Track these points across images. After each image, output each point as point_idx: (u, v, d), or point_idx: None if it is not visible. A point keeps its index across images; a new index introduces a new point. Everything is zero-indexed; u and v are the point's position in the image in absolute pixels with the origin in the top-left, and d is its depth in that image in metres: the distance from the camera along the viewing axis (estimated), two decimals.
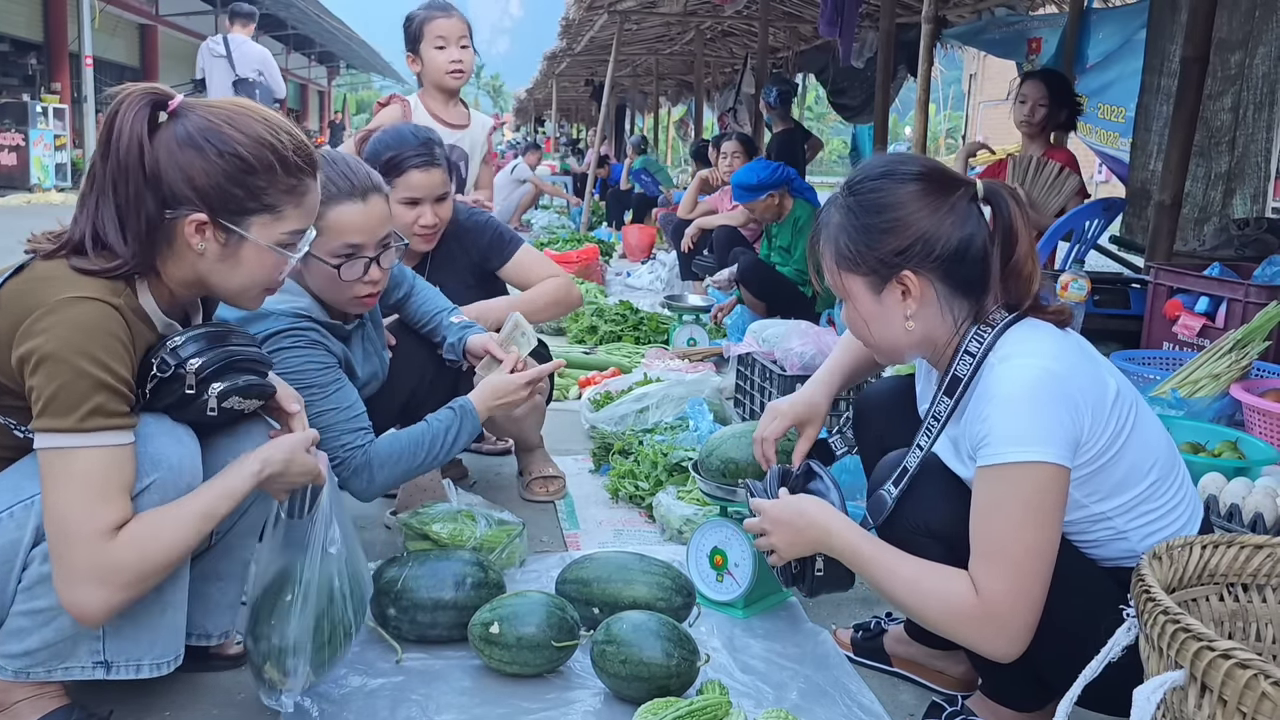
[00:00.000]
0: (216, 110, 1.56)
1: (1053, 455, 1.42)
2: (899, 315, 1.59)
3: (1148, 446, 1.53)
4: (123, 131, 1.49)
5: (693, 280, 6.69)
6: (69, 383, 1.41)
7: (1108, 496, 1.52)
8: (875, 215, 1.56)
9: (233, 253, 1.58)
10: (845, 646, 2.06)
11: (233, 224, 1.56)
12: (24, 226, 1.69)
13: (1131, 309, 4.17)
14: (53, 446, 1.43)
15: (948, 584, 1.48)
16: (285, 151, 1.57)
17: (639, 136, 13.33)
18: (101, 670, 1.56)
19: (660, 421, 3.27)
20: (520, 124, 36.86)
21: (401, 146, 2.60)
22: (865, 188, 1.59)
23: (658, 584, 2.05)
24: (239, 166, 1.53)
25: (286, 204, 1.59)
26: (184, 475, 1.55)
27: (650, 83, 17.19)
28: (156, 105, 1.52)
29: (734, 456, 2.16)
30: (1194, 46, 4.01)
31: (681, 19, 11.30)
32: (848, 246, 1.59)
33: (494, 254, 2.83)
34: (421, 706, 1.78)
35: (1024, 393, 1.44)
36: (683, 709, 1.64)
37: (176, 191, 1.51)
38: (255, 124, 1.56)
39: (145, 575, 1.48)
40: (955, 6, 8.12)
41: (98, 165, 1.52)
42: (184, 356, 1.55)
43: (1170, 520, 1.55)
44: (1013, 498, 1.43)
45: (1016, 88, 4.61)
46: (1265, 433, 2.62)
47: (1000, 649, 1.45)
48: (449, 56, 3.34)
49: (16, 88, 17.62)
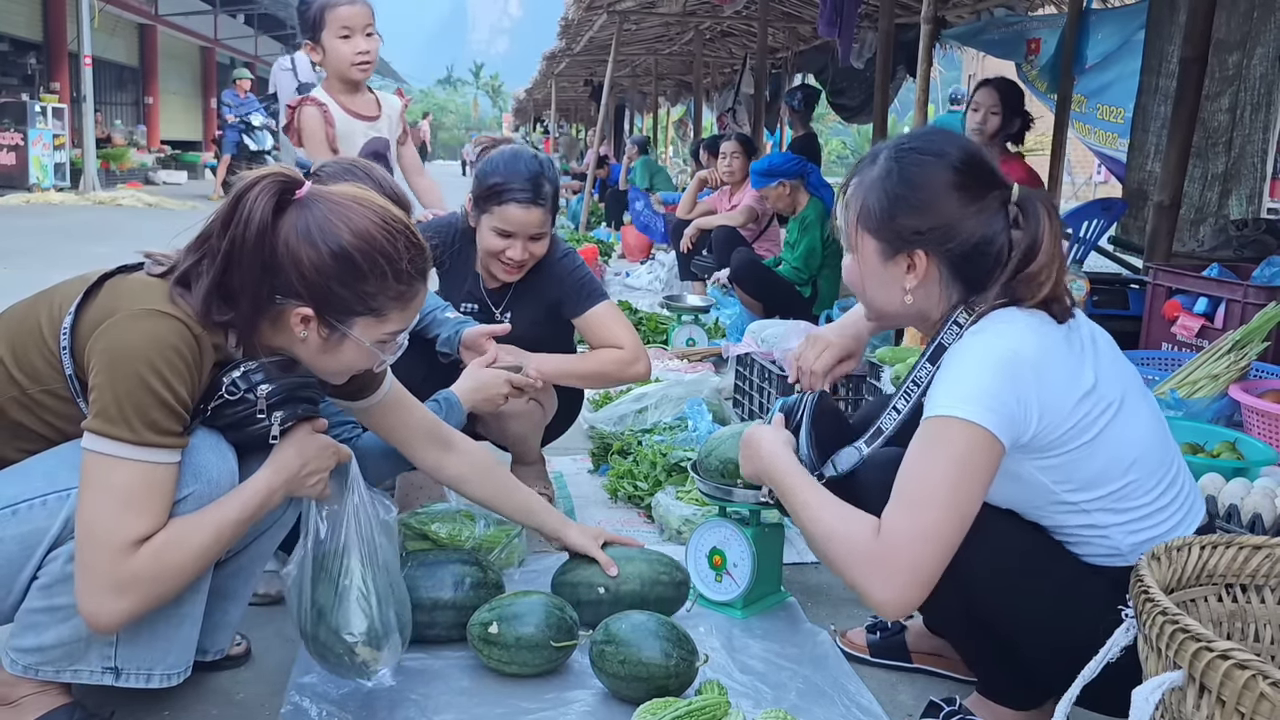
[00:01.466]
0: (339, 206, 1.56)
1: (989, 422, 1.42)
2: (899, 285, 1.60)
3: (1129, 445, 1.53)
4: (252, 215, 1.51)
5: (692, 280, 6.69)
6: (128, 390, 1.43)
7: (1081, 488, 1.52)
8: (908, 189, 1.56)
9: (333, 347, 1.61)
10: (860, 649, 2.05)
11: (337, 322, 1.58)
12: (23, 226, 1.70)
13: (1130, 310, 4.17)
14: (98, 451, 1.44)
15: (855, 524, 1.50)
16: (399, 260, 1.58)
17: (641, 135, 13.32)
18: (110, 676, 1.57)
19: (659, 422, 3.28)
20: (519, 124, 36.85)
21: (510, 177, 2.53)
22: (911, 159, 1.58)
23: (656, 559, 2.09)
24: (350, 270, 1.55)
25: (392, 309, 1.62)
26: (220, 490, 1.57)
27: (649, 83, 17.18)
28: (285, 190, 1.54)
29: (733, 457, 2.16)
30: (1193, 47, 4.02)
31: (681, 19, 11.29)
32: (873, 207, 1.59)
33: (571, 301, 2.70)
34: (420, 706, 1.78)
35: (979, 361, 1.47)
36: (681, 709, 1.64)
37: (289, 282, 1.54)
38: (373, 226, 1.57)
39: (162, 586, 1.49)
40: (954, 7, 8.12)
41: (216, 233, 1.53)
42: (255, 382, 1.57)
43: (1156, 522, 1.54)
44: (939, 450, 1.44)
45: (971, 93, 4.59)
46: (1264, 433, 2.62)
47: (880, 593, 1.44)
48: (354, 47, 3.13)
49: (16, 87, 17.62)
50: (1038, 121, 5.01)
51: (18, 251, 8.24)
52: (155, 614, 1.55)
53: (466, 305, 2.75)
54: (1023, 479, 1.53)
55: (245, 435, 1.61)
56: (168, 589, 1.50)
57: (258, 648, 1.96)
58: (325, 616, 1.71)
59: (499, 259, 2.59)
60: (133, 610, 1.47)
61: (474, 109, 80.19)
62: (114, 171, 18.09)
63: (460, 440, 2.07)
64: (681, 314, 5.17)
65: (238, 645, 1.93)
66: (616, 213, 11.42)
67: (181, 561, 1.49)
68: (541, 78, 21.66)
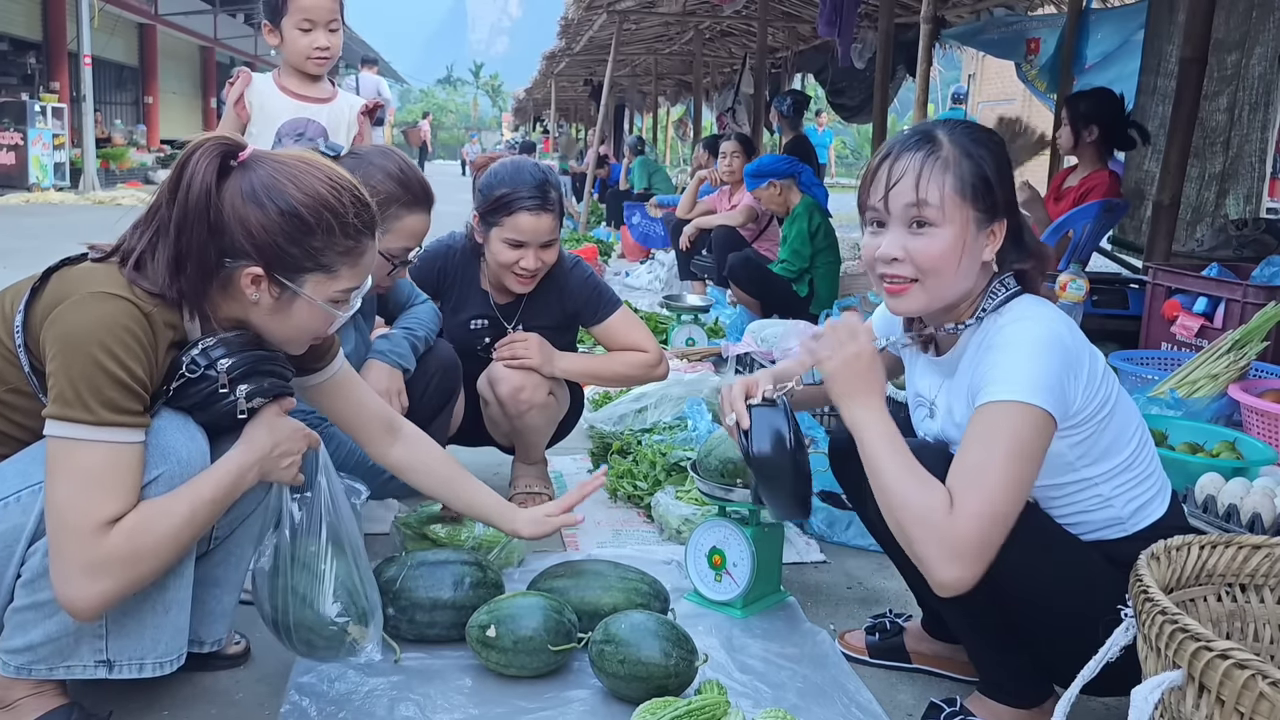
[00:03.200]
0: (282, 166, 1.58)
1: (1048, 404, 1.49)
2: (978, 258, 1.63)
3: (1129, 417, 1.64)
4: (194, 180, 1.52)
5: (691, 280, 6.69)
6: (82, 372, 1.43)
7: (1097, 461, 1.61)
8: (1000, 160, 1.65)
9: (285, 306, 1.61)
10: (859, 650, 2.04)
11: (287, 280, 1.59)
12: (23, 226, 1.71)
13: (1130, 309, 4.17)
14: (60, 435, 1.44)
15: (931, 491, 1.49)
16: (345, 214, 1.60)
17: (635, 137, 13.31)
18: (104, 669, 1.56)
19: (658, 421, 3.28)
20: (519, 124, 36.85)
21: (516, 186, 2.54)
22: (985, 134, 1.68)
23: (633, 585, 2.04)
24: (298, 226, 1.56)
25: (341, 264, 1.62)
26: (191, 470, 1.56)
27: (649, 82, 17.19)
28: (227, 155, 1.55)
29: (732, 456, 2.16)
30: (1193, 47, 4.02)
31: (680, 19, 11.30)
32: (972, 178, 1.60)
33: (590, 311, 2.73)
34: (420, 706, 1.78)
35: (1032, 346, 1.54)
36: (681, 709, 1.64)
37: (236, 243, 1.55)
38: (319, 184, 1.58)
39: (139, 567, 1.47)
40: (954, 7, 8.12)
41: (164, 205, 1.55)
42: (215, 357, 1.57)
43: (1147, 487, 1.65)
44: (1004, 432, 1.49)
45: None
46: (1263, 433, 2.62)
47: (946, 571, 1.46)
48: (313, 41, 2.97)
49: (15, 87, 17.63)
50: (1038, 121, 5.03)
51: (17, 251, 8.24)
52: (141, 603, 1.55)
53: (477, 322, 2.77)
54: (1048, 456, 1.55)
55: (213, 414, 1.61)
56: (145, 571, 1.49)
57: (257, 648, 1.96)
58: (310, 602, 1.70)
59: (512, 271, 2.60)
60: (110, 592, 1.46)
61: (474, 109, 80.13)
62: (114, 171, 18.10)
63: (409, 428, 2.04)
64: (681, 314, 5.17)
65: (237, 645, 1.93)
66: (616, 212, 11.43)
67: (156, 541, 1.48)
68: (541, 77, 21.67)
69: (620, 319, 2.74)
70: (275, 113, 3.03)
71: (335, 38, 3.02)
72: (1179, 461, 2.36)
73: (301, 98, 3.05)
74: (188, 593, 1.64)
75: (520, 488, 2.84)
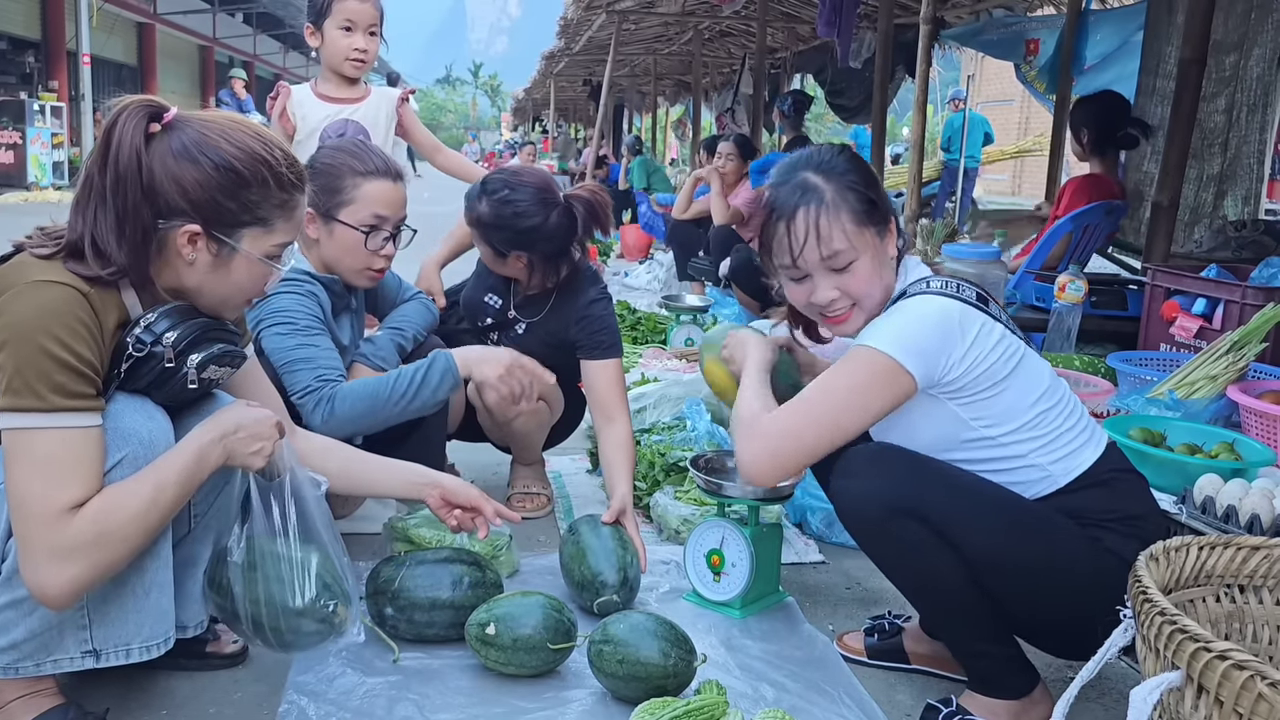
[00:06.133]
0: (211, 124, 1.58)
1: (907, 361, 1.65)
2: (888, 258, 1.81)
3: (1032, 384, 1.74)
4: (121, 142, 1.51)
5: (690, 281, 6.70)
6: (27, 360, 1.42)
7: (996, 423, 1.73)
8: (869, 170, 1.82)
9: (223, 264, 1.61)
10: (857, 652, 2.05)
11: (224, 236, 1.59)
12: (22, 225, 1.70)
13: (1128, 310, 4.17)
14: (13, 426, 1.43)
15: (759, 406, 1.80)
16: (279, 167, 1.61)
17: (633, 137, 13.31)
18: (91, 659, 1.56)
19: (658, 421, 3.28)
20: (518, 124, 36.84)
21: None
22: (843, 159, 1.81)
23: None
24: (233, 180, 1.56)
25: (277, 218, 1.63)
26: (156, 450, 1.55)
27: (648, 83, 17.19)
28: (153, 116, 1.54)
29: None
30: (1192, 48, 4.01)
31: (680, 19, 11.30)
32: (858, 202, 1.76)
33: (588, 346, 2.67)
34: (419, 705, 1.78)
35: (916, 314, 1.70)
36: (680, 709, 1.64)
37: (171, 203, 1.54)
38: (249, 139, 1.59)
39: (107, 550, 1.46)
40: (953, 7, 8.12)
41: (95, 173, 1.53)
42: (158, 332, 1.56)
43: (1065, 442, 1.74)
44: (847, 367, 1.70)
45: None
46: (1262, 434, 2.62)
47: (740, 457, 1.76)
48: (352, 43, 3.12)
49: (14, 86, 17.60)
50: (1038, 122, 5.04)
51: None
52: (121, 588, 1.54)
53: (491, 297, 2.77)
54: (942, 418, 1.73)
55: (170, 392, 1.60)
56: (114, 554, 1.48)
57: (255, 647, 1.95)
58: (293, 590, 1.68)
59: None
60: (80, 578, 1.44)
61: (473, 108, 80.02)
62: None
63: (300, 429, 2.02)
64: (680, 314, 5.17)
65: (235, 644, 1.92)
66: (615, 212, 11.44)
67: (122, 523, 1.47)
68: (540, 77, 21.69)
69: (610, 370, 2.65)
70: (316, 121, 3.18)
71: (374, 42, 3.17)
72: (1178, 462, 2.35)
73: (338, 101, 3.19)
74: (168, 574, 1.62)
75: (518, 488, 2.85)
